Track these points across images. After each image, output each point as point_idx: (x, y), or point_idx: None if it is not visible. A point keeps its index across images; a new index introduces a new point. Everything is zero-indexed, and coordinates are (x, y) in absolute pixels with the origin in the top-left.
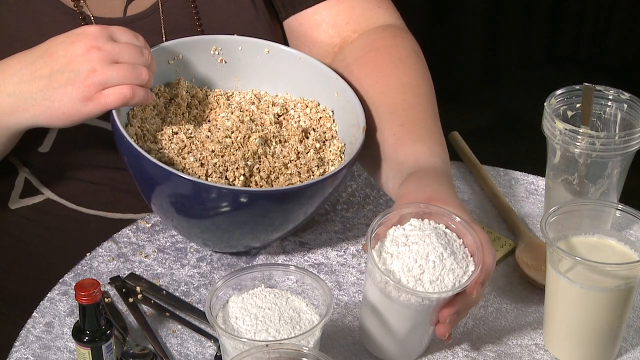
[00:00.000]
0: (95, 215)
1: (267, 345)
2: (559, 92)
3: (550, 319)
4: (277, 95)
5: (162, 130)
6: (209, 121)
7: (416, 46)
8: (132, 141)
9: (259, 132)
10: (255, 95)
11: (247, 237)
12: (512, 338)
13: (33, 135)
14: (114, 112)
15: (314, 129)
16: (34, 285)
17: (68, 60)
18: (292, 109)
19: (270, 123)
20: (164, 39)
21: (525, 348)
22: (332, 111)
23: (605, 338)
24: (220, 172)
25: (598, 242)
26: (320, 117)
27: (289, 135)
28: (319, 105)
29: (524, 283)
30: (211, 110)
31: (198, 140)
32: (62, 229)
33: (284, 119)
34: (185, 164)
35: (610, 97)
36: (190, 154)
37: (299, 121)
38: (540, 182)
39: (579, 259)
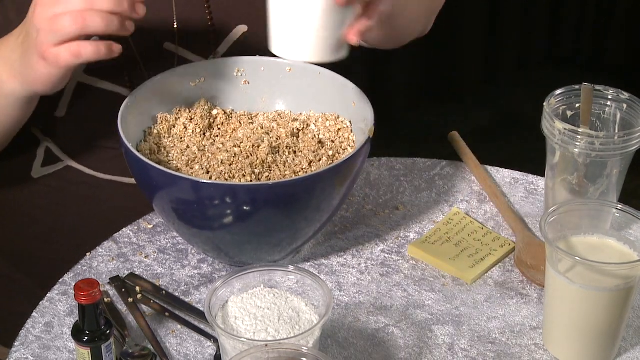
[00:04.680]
0: (113, 181)
1: (266, 345)
2: (558, 92)
3: (550, 319)
4: (300, 114)
5: (175, 144)
6: (229, 140)
7: None
8: (130, 145)
9: (269, 141)
10: (279, 115)
11: (251, 256)
12: (512, 338)
13: (48, 99)
14: (119, 121)
15: (332, 141)
16: (56, 251)
17: (30, 24)
18: (312, 124)
19: (287, 136)
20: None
21: (525, 348)
22: (350, 122)
23: (605, 338)
24: (226, 179)
25: (598, 242)
26: (339, 129)
27: (303, 146)
28: (338, 117)
29: (523, 283)
30: (234, 130)
31: (210, 153)
32: (80, 194)
33: (302, 132)
34: (191, 172)
35: (610, 97)
36: (197, 164)
37: (318, 134)
38: (540, 182)
39: (578, 259)
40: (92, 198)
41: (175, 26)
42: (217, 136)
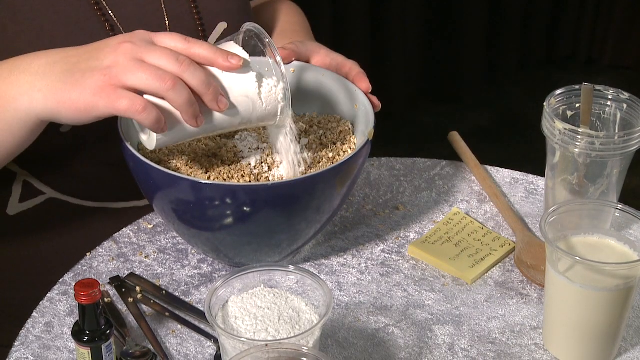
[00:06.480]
0: (100, 208)
1: (266, 345)
2: (558, 92)
3: (550, 318)
4: (304, 115)
5: (177, 144)
6: (230, 140)
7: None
8: (128, 144)
9: (268, 142)
10: None
11: (251, 258)
12: (512, 338)
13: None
14: (119, 118)
15: (333, 143)
16: (41, 288)
17: (99, 51)
18: (315, 125)
19: None
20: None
21: (525, 348)
22: (352, 124)
23: (605, 338)
24: (224, 180)
25: (598, 242)
26: (341, 131)
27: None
28: (341, 120)
29: (523, 283)
30: (237, 130)
31: (211, 153)
32: (66, 226)
33: (305, 133)
34: (190, 172)
35: (610, 97)
36: (197, 163)
37: (320, 136)
38: (540, 182)
39: (578, 258)
40: (77, 227)
41: (166, 22)
42: (220, 136)
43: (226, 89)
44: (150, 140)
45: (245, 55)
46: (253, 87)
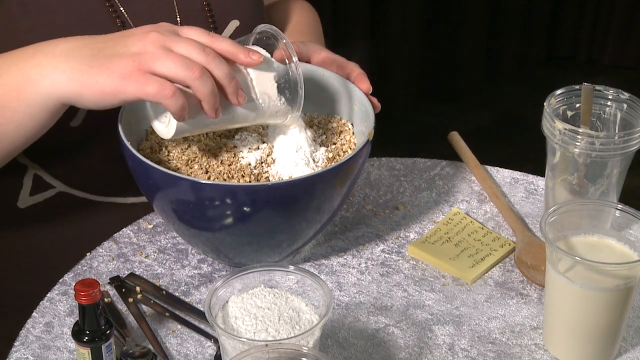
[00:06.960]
0: (109, 202)
1: (266, 345)
2: (558, 92)
3: (550, 318)
4: (304, 115)
5: (177, 143)
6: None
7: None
8: (128, 144)
9: (268, 142)
10: None
11: (251, 258)
12: (512, 338)
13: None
14: (119, 119)
15: (333, 143)
16: (49, 281)
17: (126, 38)
18: (315, 125)
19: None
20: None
21: (525, 348)
22: (352, 124)
23: (604, 338)
24: (224, 180)
25: (598, 242)
26: (341, 131)
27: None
28: (341, 119)
29: (523, 283)
30: (237, 130)
31: (210, 153)
32: (76, 219)
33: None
34: (190, 172)
35: (610, 97)
36: (197, 163)
37: (320, 136)
38: (540, 182)
39: (578, 258)
40: (86, 221)
41: (178, 19)
42: (220, 136)
43: (246, 83)
44: (169, 128)
45: (265, 53)
46: (271, 83)
